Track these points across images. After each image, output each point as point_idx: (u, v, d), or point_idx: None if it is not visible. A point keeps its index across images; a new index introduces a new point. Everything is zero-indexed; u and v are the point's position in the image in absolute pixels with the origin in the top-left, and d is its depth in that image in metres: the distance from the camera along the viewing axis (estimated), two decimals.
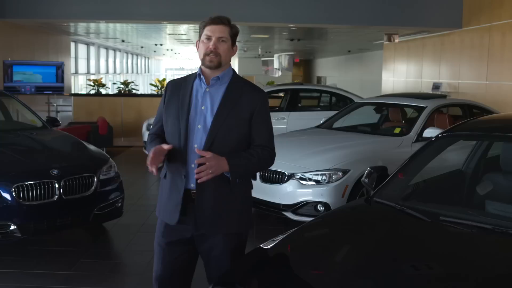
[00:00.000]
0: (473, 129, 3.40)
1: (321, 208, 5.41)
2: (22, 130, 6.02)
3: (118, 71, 24.53)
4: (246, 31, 15.02)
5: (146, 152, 2.66)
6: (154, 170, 2.49)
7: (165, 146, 2.54)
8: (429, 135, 6.04)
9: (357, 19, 11.03)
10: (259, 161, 2.62)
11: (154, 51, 27.08)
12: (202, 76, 2.65)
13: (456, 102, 7.13)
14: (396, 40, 13.49)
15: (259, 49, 23.18)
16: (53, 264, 4.70)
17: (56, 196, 4.71)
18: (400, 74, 15.22)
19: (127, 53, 26.53)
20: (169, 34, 15.54)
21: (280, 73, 27.93)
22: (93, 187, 5.01)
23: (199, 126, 2.59)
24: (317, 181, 5.45)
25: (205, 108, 2.61)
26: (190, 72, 2.90)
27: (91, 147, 5.71)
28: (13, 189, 4.51)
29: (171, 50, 24.83)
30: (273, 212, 5.77)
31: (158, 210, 2.79)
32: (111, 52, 23.05)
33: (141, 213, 6.31)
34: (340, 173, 5.43)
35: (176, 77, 3.59)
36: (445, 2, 11.10)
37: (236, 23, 2.74)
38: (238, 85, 2.68)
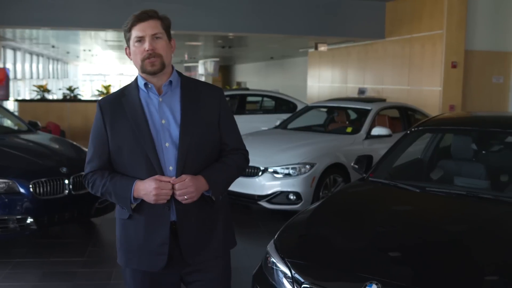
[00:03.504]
0: (437, 124, 4.37)
1: (292, 197, 6.25)
2: (12, 133, 6.37)
3: (41, 76, 24.15)
4: (182, 38, 15.58)
5: (112, 199, 2.31)
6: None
7: (165, 178, 2.15)
8: (376, 133, 7.08)
9: (292, 29, 12.01)
10: (237, 169, 2.34)
11: (77, 56, 26.84)
12: (150, 85, 2.25)
13: (394, 105, 8.22)
14: (323, 48, 14.64)
15: (186, 55, 23.73)
16: (65, 253, 5.20)
17: (66, 192, 5.20)
18: (325, 79, 16.45)
19: (49, 58, 26.13)
20: (106, 40, 15.79)
21: (203, 79, 28.68)
22: None
23: (167, 144, 2.20)
24: (288, 174, 6.28)
25: (166, 121, 2.22)
26: (105, 77, 2.45)
27: (82, 147, 6.19)
28: (31, 185, 4.96)
29: (96, 55, 24.82)
30: (249, 203, 6.54)
31: (126, 258, 2.35)
32: (34, 57, 22.71)
33: None
34: (308, 166, 6.30)
35: (96, 82, 2.83)
36: (369, 15, 12.33)
37: (178, 31, 2.63)
38: (191, 86, 2.32)
